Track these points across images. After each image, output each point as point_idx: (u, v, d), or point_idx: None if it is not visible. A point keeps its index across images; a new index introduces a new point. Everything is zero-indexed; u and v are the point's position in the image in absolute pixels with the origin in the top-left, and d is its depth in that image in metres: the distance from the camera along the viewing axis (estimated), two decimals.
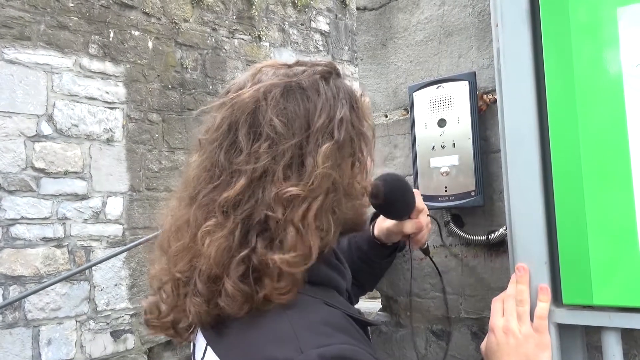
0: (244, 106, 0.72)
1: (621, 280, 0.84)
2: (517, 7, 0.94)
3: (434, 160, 1.20)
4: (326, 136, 0.71)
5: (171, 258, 0.73)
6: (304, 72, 0.76)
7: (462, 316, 1.21)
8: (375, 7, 1.41)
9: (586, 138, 0.88)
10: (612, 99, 0.87)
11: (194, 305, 0.68)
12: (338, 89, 0.76)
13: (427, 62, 1.29)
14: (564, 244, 0.89)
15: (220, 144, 0.72)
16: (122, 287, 4.39)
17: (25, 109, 3.98)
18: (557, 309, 0.89)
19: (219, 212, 0.69)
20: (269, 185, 0.68)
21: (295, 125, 0.70)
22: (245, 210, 0.68)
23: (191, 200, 0.73)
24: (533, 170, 0.92)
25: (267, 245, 0.67)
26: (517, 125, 0.94)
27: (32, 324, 3.90)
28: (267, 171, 0.68)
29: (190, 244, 0.70)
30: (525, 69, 0.93)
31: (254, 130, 0.70)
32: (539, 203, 0.91)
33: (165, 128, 4.77)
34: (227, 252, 0.67)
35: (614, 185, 0.86)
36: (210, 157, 0.73)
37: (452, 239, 1.23)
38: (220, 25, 5.28)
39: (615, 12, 0.87)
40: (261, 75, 0.76)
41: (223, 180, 0.70)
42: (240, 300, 0.65)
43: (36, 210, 3.99)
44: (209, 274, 0.67)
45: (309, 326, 0.65)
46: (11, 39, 3.95)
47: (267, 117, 0.70)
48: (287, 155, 0.69)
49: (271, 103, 0.71)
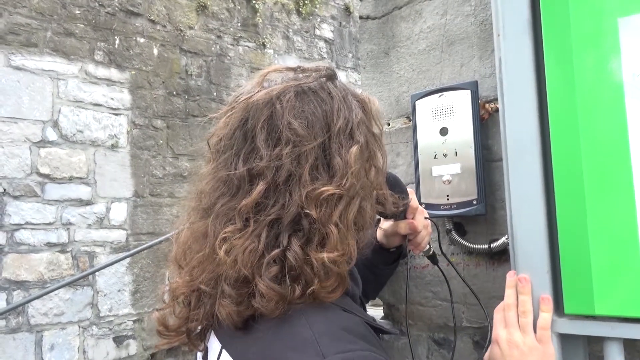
0: (259, 111, 0.71)
1: (623, 291, 0.84)
2: (518, 17, 0.95)
3: (436, 169, 1.20)
4: (348, 137, 0.71)
5: (192, 270, 0.73)
6: (310, 76, 0.76)
7: (464, 325, 1.20)
8: (378, 16, 1.42)
9: (587, 147, 0.88)
10: (613, 108, 0.87)
11: (223, 307, 0.68)
12: (345, 90, 0.77)
13: (430, 70, 1.30)
14: (565, 254, 0.89)
15: (236, 152, 0.71)
16: (125, 293, 4.40)
17: (31, 114, 4.01)
18: (559, 318, 0.88)
19: (239, 219, 0.68)
20: (295, 187, 0.67)
21: (317, 127, 0.70)
22: (272, 213, 0.67)
23: (207, 212, 0.72)
24: (535, 179, 0.92)
25: (303, 244, 0.66)
26: (518, 134, 0.94)
27: (35, 329, 3.91)
28: (293, 174, 0.68)
29: (211, 254, 0.69)
30: (527, 78, 0.94)
31: (273, 135, 0.69)
32: (540, 212, 0.91)
33: (170, 134, 4.79)
34: (253, 254, 0.66)
35: (616, 195, 0.86)
36: (226, 167, 0.72)
37: (454, 247, 1.22)
38: (225, 33, 5.31)
39: (616, 22, 0.87)
40: (269, 82, 0.76)
41: (242, 187, 0.69)
42: (275, 300, 0.65)
43: (41, 215, 4.01)
44: (237, 277, 0.66)
45: (329, 332, 0.64)
46: (18, 46, 3.99)
47: (284, 121, 0.69)
48: (311, 157, 0.68)
49: (287, 106, 0.70)
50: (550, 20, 0.93)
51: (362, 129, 0.74)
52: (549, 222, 0.91)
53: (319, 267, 0.65)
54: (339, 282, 0.68)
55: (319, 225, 0.66)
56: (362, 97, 0.80)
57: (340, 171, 0.69)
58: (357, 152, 0.70)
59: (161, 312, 0.79)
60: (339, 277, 0.68)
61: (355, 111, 0.74)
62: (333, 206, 0.67)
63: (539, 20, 0.94)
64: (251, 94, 0.74)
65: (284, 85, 0.73)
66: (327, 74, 0.77)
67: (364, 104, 0.78)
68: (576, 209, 0.88)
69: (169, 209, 4.68)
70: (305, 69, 0.79)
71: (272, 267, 0.65)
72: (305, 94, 0.73)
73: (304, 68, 0.79)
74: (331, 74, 0.78)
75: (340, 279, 0.69)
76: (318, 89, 0.74)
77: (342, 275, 0.69)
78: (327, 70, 0.78)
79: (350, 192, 0.69)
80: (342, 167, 0.69)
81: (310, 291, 0.66)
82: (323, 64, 0.80)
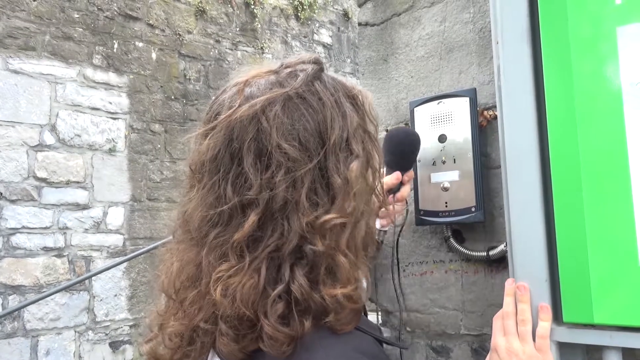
0: (242, 130, 0.64)
1: (622, 299, 0.84)
2: (517, 24, 0.95)
3: (434, 176, 1.20)
4: (344, 149, 0.65)
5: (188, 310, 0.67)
6: (295, 77, 0.68)
7: (462, 332, 1.20)
8: (377, 22, 1.42)
9: (586, 155, 0.88)
10: (611, 116, 0.87)
11: (224, 346, 0.62)
12: (336, 89, 0.69)
13: (428, 77, 1.30)
14: (564, 262, 0.89)
15: (223, 176, 0.64)
16: (122, 298, 4.38)
17: (28, 118, 4.01)
18: (558, 327, 0.88)
19: (233, 254, 0.62)
20: (293, 214, 0.61)
21: (310, 144, 0.63)
22: (270, 245, 0.61)
23: (198, 243, 0.67)
24: (533, 186, 0.92)
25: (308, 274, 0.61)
26: (517, 141, 0.94)
27: (31, 334, 3.89)
28: (288, 201, 0.61)
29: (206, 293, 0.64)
30: (526, 86, 0.94)
31: (262, 159, 0.63)
32: (539, 220, 0.90)
33: (168, 139, 4.78)
34: (254, 291, 0.60)
35: (614, 203, 0.86)
36: (214, 192, 0.65)
37: (452, 254, 1.22)
38: (223, 37, 5.32)
39: (615, 31, 0.88)
40: (250, 89, 0.67)
41: (234, 217, 0.63)
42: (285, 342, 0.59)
43: (37, 219, 4.00)
44: (237, 316, 0.60)
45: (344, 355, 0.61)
46: (16, 49, 3.98)
47: (273, 142, 0.62)
48: (307, 180, 0.62)
49: (274, 123, 0.63)
50: (548, 28, 0.94)
51: (359, 135, 0.68)
52: (548, 229, 0.90)
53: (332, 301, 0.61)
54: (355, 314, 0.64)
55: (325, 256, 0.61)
56: (354, 92, 0.72)
57: (342, 193, 0.63)
58: (358, 168, 0.65)
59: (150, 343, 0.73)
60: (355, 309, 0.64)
61: (350, 117, 0.68)
62: (339, 234, 0.62)
63: (537, 28, 0.95)
64: (232, 108, 0.66)
65: (267, 96, 0.65)
66: (314, 70, 0.69)
67: (356, 101, 0.71)
68: (575, 216, 0.88)
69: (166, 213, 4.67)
70: (289, 65, 0.70)
71: (277, 304, 0.60)
72: (293, 103, 0.65)
73: (287, 65, 0.71)
74: (318, 70, 0.70)
75: (356, 311, 0.64)
76: (307, 94, 0.66)
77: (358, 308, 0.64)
78: (313, 64, 0.70)
79: (355, 215, 0.64)
80: (343, 188, 0.63)
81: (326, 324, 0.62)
82: (308, 57, 0.72)
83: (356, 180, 0.64)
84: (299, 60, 0.71)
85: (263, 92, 0.66)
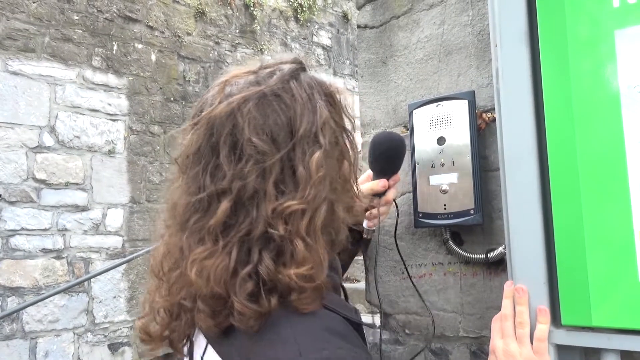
0: (220, 125, 0.70)
1: (620, 302, 0.84)
2: (515, 28, 0.95)
3: (433, 178, 1.20)
4: (312, 142, 0.70)
5: (171, 287, 0.73)
6: (273, 76, 0.73)
7: (461, 335, 1.20)
8: (376, 25, 1.42)
9: (584, 157, 0.88)
10: (609, 119, 0.88)
11: (202, 321, 0.69)
12: (311, 87, 0.74)
13: (427, 80, 1.30)
14: (562, 265, 0.89)
15: (204, 167, 0.70)
16: (121, 299, 4.38)
17: (27, 120, 4.01)
18: (556, 329, 0.88)
19: (208, 238, 0.68)
20: (262, 202, 0.67)
21: (280, 137, 0.69)
22: (241, 230, 0.67)
23: (181, 228, 0.72)
24: (532, 189, 0.92)
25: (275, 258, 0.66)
26: (515, 144, 0.94)
27: (30, 336, 3.88)
28: (257, 190, 0.67)
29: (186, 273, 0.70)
30: (524, 88, 0.94)
31: (234, 152, 0.68)
32: (537, 222, 0.91)
33: (167, 140, 4.79)
34: (225, 272, 0.66)
35: (612, 205, 0.86)
36: (196, 181, 0.71)
37: (451, 256, 1.22)
38: (222, 39, 5.33)
39: (613, 34, 0.88)
40: (230, 88, 0.73)
41: (212, 204, 0.69)
42: (253, 317, 0.65)
43: (36, 221, 3.99)
44: (211, 294, 0.67)
45: (310, 332, 0.65)
46: (15, 51, 3.99)
47: (245, 136, 0.68)
48: (275, 170, 0.67)
49: (247, 118, 0.68)
50: (547, 32, 0.94)
51: (328, 129, 0.72)
52: (546, 232, 0.91)
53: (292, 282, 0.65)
54: (316, 294, 0.68)
55: (287, 240, 0.66)
56: (330, 90, 0.77)
57: (303, 182, 0.68)
58: (320, 158, 0.69)
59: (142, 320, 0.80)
60: (315, 289, 0.68)
61: (320, 112, 0.72)
62: (298, 220, 0.67)
63: (536, 31, 0.95)
64: (213, 105, 0.72)
65: (244, 94, 0.70)
66: (292, 69, 0.74)
67: (332, 98, 0.76)
68: (573, 219, 0.88)
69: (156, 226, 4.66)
70: (268, 65, 0.75)
71: (246, 283, 0.65)
72: (267, 101, 0.70)
73: (267, 65, 0.76)
74: (296, 69, 0.75)
75: (317, 291, 0.68)
76: (281, 91, 0.71)
77: (318, 287, 0.68)
78: (291, 64, 0.75)
79: (315, 202, 0.68)
80: (305, 177, 0.68)
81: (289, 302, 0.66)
82: (288, 57, 0.77)
83: (317, 169, 0.68)
84: (279, 61, 0.77)
85: (240, 91, 0.71)
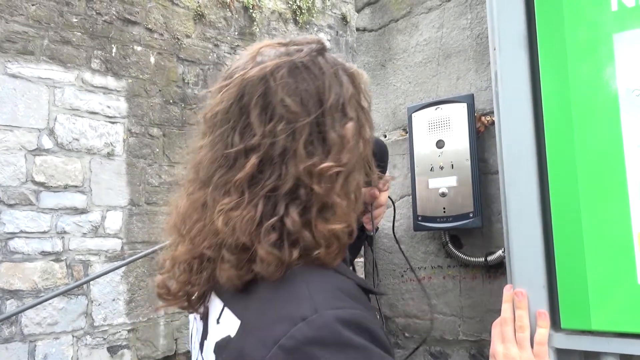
0: (252, 87, 0.73)
1: (619, 306, 0.84)
2: (514, 31, 0.95)
3: (432, 181, 1.20)
4: (340, 112, 0.73)
5: (194, 239, 0.75)
6: (301, 50, 0.77)
7: (461, 338, 1.20)
8: (375, 28, 1.42)
9: (583, 161, 0.89)
10: (608, 122, 0.88)
11: (224, 271, 0.70)
12: (335, 64, 0.78)
13: (426, 83, 1.30)
14: (561, 269, 0.89)
15: (233, 126, 0.73)
16: (120, 302, 4.37)
17: (26, 122, 4.00)
18: (556, 333, 0.88)
19: (235, 191, 0.70)
20: (291, 160, 0.69)
21: (310, 103, 0.72)
22: (268, 185, 0.69)
23: (205, 183, 0.75)
24: (531, 192, 0.92)
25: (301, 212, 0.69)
26: (515, 147, 0.94)
27: (29, 339, 3.87)
28: (287, 148, 0.70)
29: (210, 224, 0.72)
30: (523, 92, 0.94)
31: (266, 112, 0.71)
32: (537, 226, 0.91)
33: (166, 142, 4.78)
34: (251, 223, 0.68)
35: (611, 209, 0.86)
36: (223, 139, 0.74)
37: (450, 260, 1.22)
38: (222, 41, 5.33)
39: (611, 38, 0.88)
40: (262, 56, 0.77)
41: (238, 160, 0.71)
42: (275, 264, 0.67)
43: (35, 224, 3.99)
44: (236, 243, 0.69)
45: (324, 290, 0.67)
46: (14, 54, 3.98)
47: (278, 98, 0.71)
48: (305, 132, 0.70)
49: (280, 83, 0.72)
50: (545, 35, 0.94)
51: (353, 104, 0.76)
52: (545, 235, 0.91)
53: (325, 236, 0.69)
54: (341, 250, 0.72)
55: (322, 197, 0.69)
56: (352, 70, 0.81)
57: (337, 146, 0.71)
58: (354, 127, 0.73)
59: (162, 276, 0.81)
60: (341, 246, 0.71)
61: (346, 86, 0.76)
62: (334, 181, 0.70)
63: (534, 35, 0.95)
64: (246, 70, 0.75)
65: (276, 61, 0.74)
66: (318, 48, 0.78)
67: (354, 78, 0.80)
68: (572, 222, 0.88)
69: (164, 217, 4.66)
70: (297, 42, 0.80)
71: (270, 233, 0.68)
72: (297, 69, 0.74)
73: (295, 41, 0.80)
74: (321, 48, 0.79)
75: (342, 248, 0.72)
76: (310, 64, 0.75)
77: (343, 245, 0.72)
78: (317, 44, 0.79)
79: (348, 167, 0.72)
80: (338, 143, 0.71)
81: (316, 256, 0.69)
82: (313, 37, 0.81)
83: (352, 138, 0.72)
84: (305, 40, 0.81)
85: (272, 59, 0.75)
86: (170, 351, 4.64)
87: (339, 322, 0.62)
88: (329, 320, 0.62)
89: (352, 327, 0.63)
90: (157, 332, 4.58)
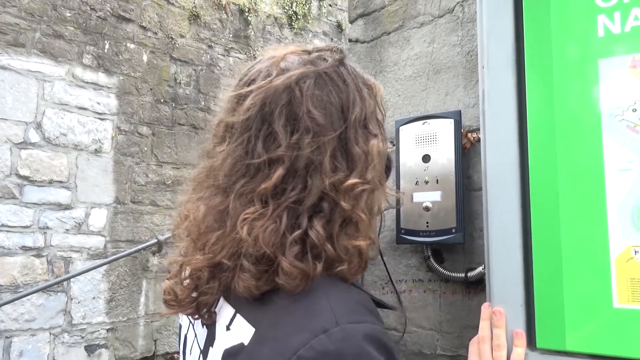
0: (277, 96, 0.72)
1: (595, 328, 0.85)
2: (503, 51, 0.96)
3: (417, 195, 1.20)
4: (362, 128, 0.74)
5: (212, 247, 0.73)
6: (326, 60, 0.77)
7: (438, 352, 1.20)
8: (367, 40, 1.43)
9: (565, 182, 0.90)
10: (590, 145, 0.89)
11: (242, 281, 0.69)
12: (355, 75, 0.78)
13: (415, 97, 1.31)
14: (539, 288, 0.89)
15: (255, 134, 0.72)
16: (100, 301, 4.32)
17: (14, 115, 3.95)
18: (531, 352, 0.89)
19: (258, 201, 0.70)
20: (315, 174, 0.69)
21: (335, 116, 0.72)
22: (292, 197, 0.69)
23: (225, 191, 0.73)
24: (513, 210, 0.92)
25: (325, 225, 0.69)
26: (498, 165, 0.95)
27: (4, 335, 3.81)
28: (312, 161, 0.69)
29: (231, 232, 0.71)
30: (509, 111, 0.95)
31: (291, 122, 0.71)
32: (517, 244, 0.91)
33: (155, 142, 4.75)
34: (275, 234, 0.68)
35: (590, 231, 0.87)
36: (243, 147, 0.73)
37: (431, 274, 1.23)
38: (216, 43, 5.32)
39: (597, 63, 0.90)
40: (286, 63, 0.76)
41: (261, 170, 0.71)
42: (299, 277, 0.66)
43: (17, 218, 3.93)
44: (257, 255, 0.68)
45: (344, 303, 0.67)
46: (5, 45, 3.94)
47: (304, 109, 0.71)
48: (330, 146, 0.70)
49: (307, 93, 0.72)
50: (533, 56, 0.95)
51: (374, 119, 0.77)
52: (525, 254, 0.91)
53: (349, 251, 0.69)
54: (361, 266, 0.72)
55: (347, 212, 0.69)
56: (370, 82, 0.81)
57: (362, 163, 0.72)
58: (379, 144, 0.74)
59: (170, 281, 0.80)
60: (362, 261, 0.72)
61: (368, 101, 0.76)
62: (359, 197, 0.70)
63: (522, 55, 0.96)
64: (270, 77, 0.74)
65: (302, 70, 0.73)
66: (340, 57, 0.78)
67: (372, 90, 0.80)
68: (552, 242, 0.89)
69: (149, 217, 4.62)
70: (320, 49, 0.80)
71: (294, 246, 0.67)
72: (323, 80, 0.74)
73: (318, 49, 0.80)
74: (343, 58, 0.79)
75: (363, 264, 0.72)
76: (334, 75, 0.75)
77: (365, 260, 0.72)
78: (339, 53, 0.79)
79: (373, 183, 0.72)
80: (363, 159, 0.72)
81: (338, 270, 0.69)
82: (333, 46, 0.82)
83: (377, 155, 0.73)
84: (327, 48, 0.81)
85: (297, 67, 0.75)
86: (148, 352, 4.59)
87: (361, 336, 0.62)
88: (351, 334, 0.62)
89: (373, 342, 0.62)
90: (136, 332, 4.53)
